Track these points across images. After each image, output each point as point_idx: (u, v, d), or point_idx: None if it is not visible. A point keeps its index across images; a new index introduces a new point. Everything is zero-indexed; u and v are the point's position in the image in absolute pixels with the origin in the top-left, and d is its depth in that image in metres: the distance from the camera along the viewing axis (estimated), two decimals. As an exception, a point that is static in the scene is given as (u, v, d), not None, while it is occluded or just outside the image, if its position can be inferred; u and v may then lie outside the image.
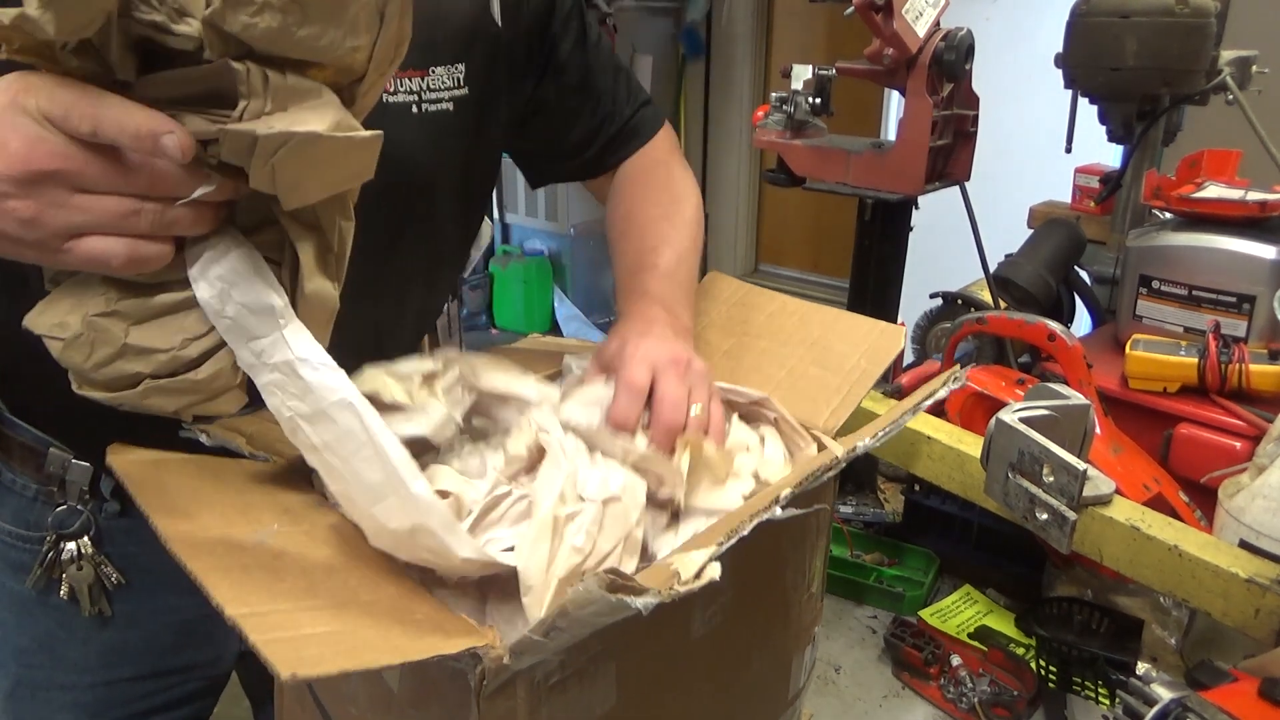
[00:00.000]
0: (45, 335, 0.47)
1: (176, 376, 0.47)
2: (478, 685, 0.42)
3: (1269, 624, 0.63)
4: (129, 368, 0.47)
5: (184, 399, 0.48)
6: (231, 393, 0.50)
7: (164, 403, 0.48)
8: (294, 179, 0.44)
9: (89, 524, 0.77)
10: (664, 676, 0.56)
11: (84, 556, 0.77)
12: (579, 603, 0.38)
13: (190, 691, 0.87)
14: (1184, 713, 0.54)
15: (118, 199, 0.44)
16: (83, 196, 0.43)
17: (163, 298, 0.47)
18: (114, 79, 0.42)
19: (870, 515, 1.20)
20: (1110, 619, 0.93)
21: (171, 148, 0.42)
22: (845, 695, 0.93)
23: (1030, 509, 0.71)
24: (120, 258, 0.44)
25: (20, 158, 0.42)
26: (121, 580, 0.79)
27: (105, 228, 0.44)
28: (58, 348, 0.47)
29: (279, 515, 0.51)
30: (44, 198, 0.43)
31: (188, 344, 0.47)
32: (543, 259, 4.35)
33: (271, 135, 0.41)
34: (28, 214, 0.43)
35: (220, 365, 0.48)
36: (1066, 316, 1.34)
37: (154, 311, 0.47)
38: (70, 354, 0.47)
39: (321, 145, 0.42)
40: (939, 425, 0.87)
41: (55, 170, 0.42)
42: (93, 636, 0.81)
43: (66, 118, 0.42)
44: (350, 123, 0.44)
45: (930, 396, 0.63)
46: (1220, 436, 0.95)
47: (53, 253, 0.44)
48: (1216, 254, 1.04)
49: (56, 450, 0.75)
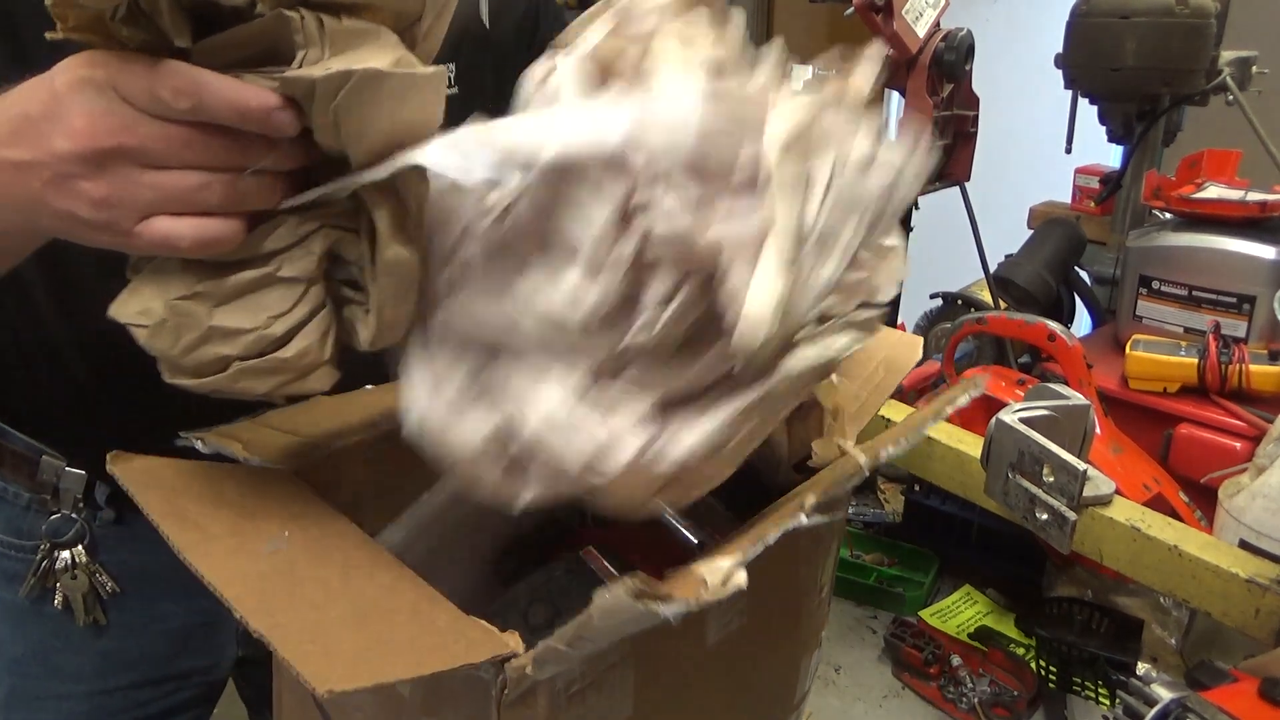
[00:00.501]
0: (130, 323, 0.46)
1: (265, 356, 0.46)
2: (499, 694, 0.42)
3: (1269, 624, 0.63)
4: (216, 351, 0.45)
5: (274, 379, 0.47)
6: (322, 369, 0.48)
7: (254, 384, 0.47)
8: (358, 125, 0.41)
9: (83, 532, 0.77)
10: (679, 684, 0.55)
11: (78, 565, 0.77)
12: (605, 612, 0.37)
13: (187, 698, 0.86)
14: (1184, 713, 0.54)
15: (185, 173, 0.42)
16: (152, 173, 0.41)
17: (243, 276, 0.45)
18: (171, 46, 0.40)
19: (870, 515, 1.20)
20: (1110, 619, 0.93)
21: (282, 121, 0.40)
22: (845, 695, 0.93)
23: (1030, 509, 0.71)
24: (189, 238, 0.42)
25: (86, 134, 0.40)
26: (116, 589, 0.79)
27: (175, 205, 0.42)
28: (144, 335, 0.46)
29: (287, 522, 0.50)
30: (114, 176, 0.41)
31: (273, 321, 0.45)
32: (543, 259, 4.34)
33: (330, 76, 0.39)
34: (99, 194, 0.41)
35: (308, 341, 0.47)
36: (1066, 316, 1.34)
37: (236, 291, 0.45)
38: (157, 341, 0.46)
39: (383, 84, 0.40)
40: (939, 425, 0.87)
41: (123, 146, 0.40)
42: (88, 645, 0.80)
43: (154, 93, 0.40)
44: (411, 59, 0.42)
45: (951, 404, 0.63)
46: (1220, 437, 0.95)
47: (124, 235, 0.42)
48: (1216, 254, 1.04)
49: (50, 458, 0.75)
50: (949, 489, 0.84)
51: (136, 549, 0.79)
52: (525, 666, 0.40)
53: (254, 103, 0.40)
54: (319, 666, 0.35)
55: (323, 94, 0.39)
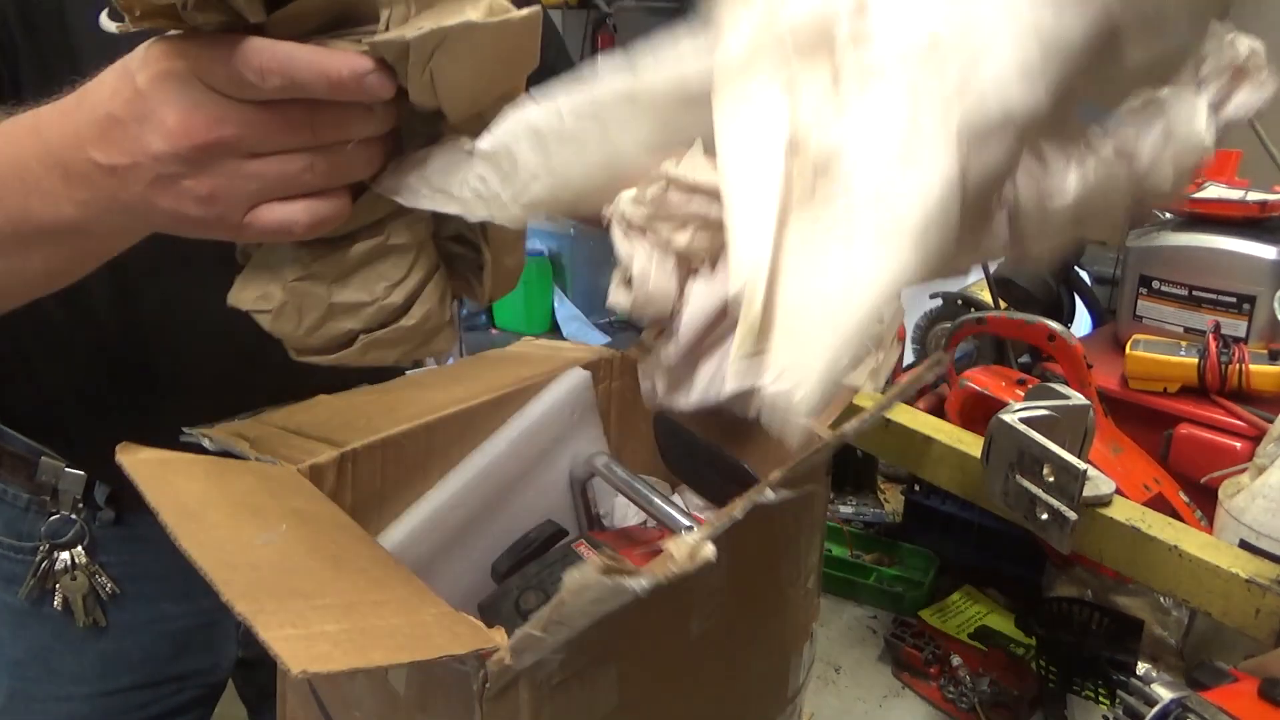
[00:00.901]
0: (251, 310, 0.46)
1: (388, 327, 0.46)
2: (480, 687, 0.42)
3: (1269, 624, 0.63)
4: (341, 326, 0.45)
5: (401, 347, 0.47)
6: (445, 331, 0.48)
7: (383, 354, 0.47)
8: (456, 81, 0.40)
9: (83, 533, 0.77)
10: (665, 677, 0.56)
11: (78, 566, 0.77)
12: (575, 590, 0.38)
13: (187, 700, 0.86)
14: (1184, 713, 0.54)
15: (287, 157, 0.40)
16: (255, 162, 0.40)
17: (356, 249, 0.44)
18: (246, 23, 0.38)
19: (870, 515, 1.20)
20: (1110, 619, 0.92)
21: (377, 86, 0.39)
22: (845, 695, 0.93)
23: (1030, 509, 0.71)
24: (302, 224, 0.41)
25: (182, 132, 0.38)
26: (116, 590, 0.79)
27: (281, 190, 0.41)
28: (266, 320, 0.45)
29: (287, 516, 0.51)
30: (217, 171, 0.39)
31: (391, 291, 0.45)
32: (543, 259, 4.34)
33: (424, 35, 0.37)
34: (204, 191, 0.40)
35: (428, 305, 0.46)
36: (1066, 316, 1.34)
37: (351, 266, 0.45)
38: (281, 324, 0.45)
39: (479, 35, 0.39)
40: (939, 425, 0.87)
41: (221, 139, 0.39)
42: (88, 647, 0.80)
43: (240, 76, 0.38)
44: (503, 4, 0.40)
45: (916, 382, 0.63)
46: (1220, 436, 0.95)
47: (235, 228, 0.41)
48: (1216, 254, 1.04)
49: (49, 459, 0.75)
50: (949, 489, 0.84)
51: (136, 549, 0.79)
52: (504, 657, 0.41)
53: (345, 70, 0.38)
54: (297, 649, 0.35)
55: (417, 54, 0.38)
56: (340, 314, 0.45)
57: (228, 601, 0.38)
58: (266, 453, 0.59)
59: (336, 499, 0.58)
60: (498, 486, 0.70)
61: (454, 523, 0.67)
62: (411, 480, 0.67)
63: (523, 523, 0.70)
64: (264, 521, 0.49)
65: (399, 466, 0.66)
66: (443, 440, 0.68)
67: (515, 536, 0.68)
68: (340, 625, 0.39)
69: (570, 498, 0.77)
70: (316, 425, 0.65)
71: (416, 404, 0.69)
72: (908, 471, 0.89)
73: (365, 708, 0.53)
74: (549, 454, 0.74)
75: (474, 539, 0.69)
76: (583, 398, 0.76)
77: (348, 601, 0.43)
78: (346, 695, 0.54)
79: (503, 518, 0.71)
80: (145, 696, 0.83)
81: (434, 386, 0.73)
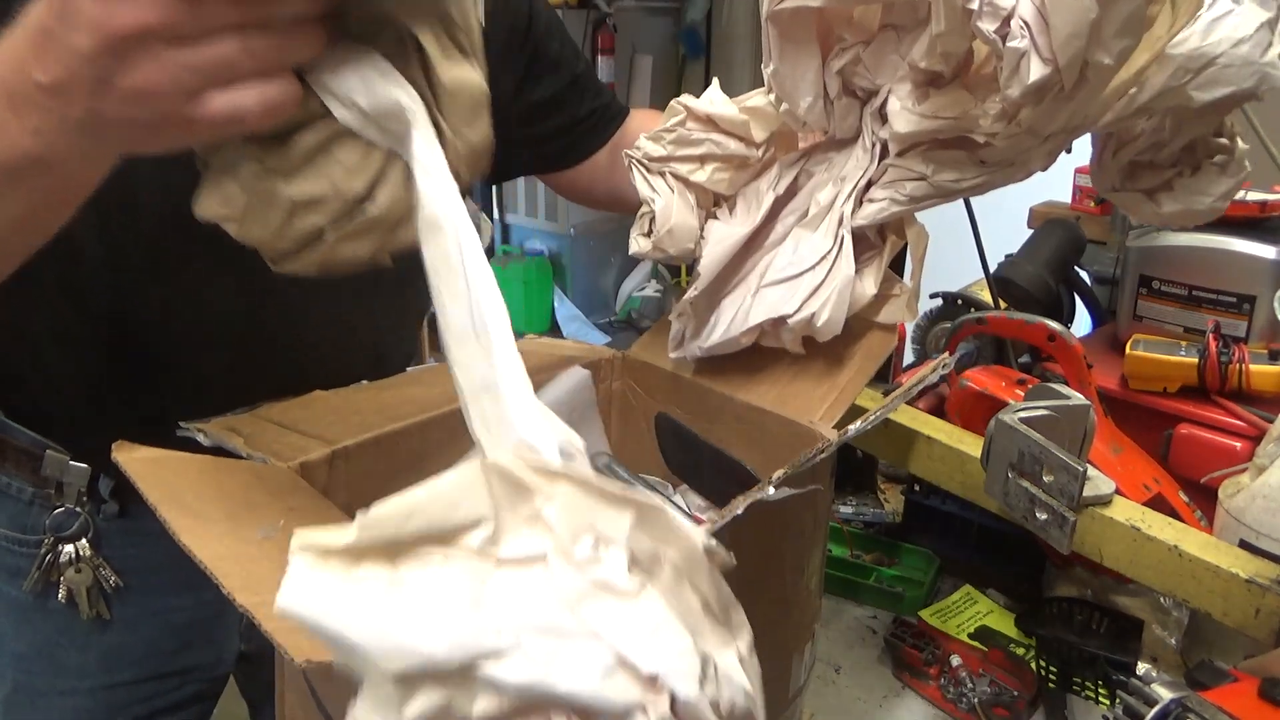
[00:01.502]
0: (217, 218, 0.44)
1: (354, 218, 0.43)
2: None
3: (1269, 624, 0.63)
4: (305, 223, 0.43)
5: (370, 237, 0.44)
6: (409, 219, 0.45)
7: (356, 249, 0.44)
8: None
9: (87, 526, 0.77)
10: (665, 675, 0.55)
11: (82, 559, 0.77)
12: None
13: (190, 694, 0.86)
14: (1184, 713, 0.54)
15: (219, 40, 0.38)
16: (187, 50, 0.38)
17: (304, 139, 0.42)
18: None
19: (870, 515, 1.20)
20: (1110, 619, 0.93)
21: None
22: (845, 695, 0.93)
23: (1030, 509, 0.71)
24: (251, 109, 0.39)
25: (103, 21, 0.37)
26: (120, 583, 0.79)
27: (222, 78, 0.39)
28: (234, 228, 0.43)
29: (284, 513, 0.51)
30: (149, 62, 0.38)
31: (350, 178, 0.43)
32: (543, 259, 4.34)
33: None
34: (140, 84, 0.38)
35: (392, 189, 0.43)
36: (1066, 316, 1.34)
37: (304, 157, 0.42)
38: (248, 230, 0.43)
39: None
40: (939, 425, 0.87)
41: (143, 24, 0.37)
42: (92, 641, 0.80)
43: None
44: None
45: (920, 383, 0.64)
46: (1220, 436, 0.95)
47: (184, 126, 0.39)
48: (1216, 254, 1.04)
49: (54, 453, 0.75)
50: (949, 489, 0.84)
51: (140, 542, 0.79)
52: None
53: None
54: (299, 639, 0.35)
55: None
56: (303, 210, 0.43)
57: (229, 594, 0.38)
58: (259, 448, 0.59)
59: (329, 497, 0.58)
60: (498, 485, 0.70)
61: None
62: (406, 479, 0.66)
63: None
64: (261, 517, 0.50)
65: (392, 465, 0.65)
66: (437, 439, 0.68)
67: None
68: None
69: (570, 498, 0.77)
70: (311, 421, 0.65)
71: (412, 402, 0.69)
72: (908, 471, 0.89)
73: (363, 705, 0.53)
74: (549, 454, 0.74)
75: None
76: (583, 396, 0.76)
77: None
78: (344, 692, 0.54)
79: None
80: (148, 690, 0.84)
81: (433, 384, 0.73)
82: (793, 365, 0.73)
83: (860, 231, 0.68)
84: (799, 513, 0.67)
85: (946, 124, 0.58)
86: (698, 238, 0.70)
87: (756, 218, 0.70)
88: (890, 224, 0.70)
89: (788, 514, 0.66)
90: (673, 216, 0.68)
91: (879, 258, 0.70)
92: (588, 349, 0.81)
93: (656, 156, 0.70)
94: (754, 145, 0.70)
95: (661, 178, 0.69)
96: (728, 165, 0.70)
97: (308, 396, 0.69)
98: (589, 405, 0.77)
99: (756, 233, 0.70)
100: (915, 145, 0.63)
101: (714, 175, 0.70)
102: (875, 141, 0.65)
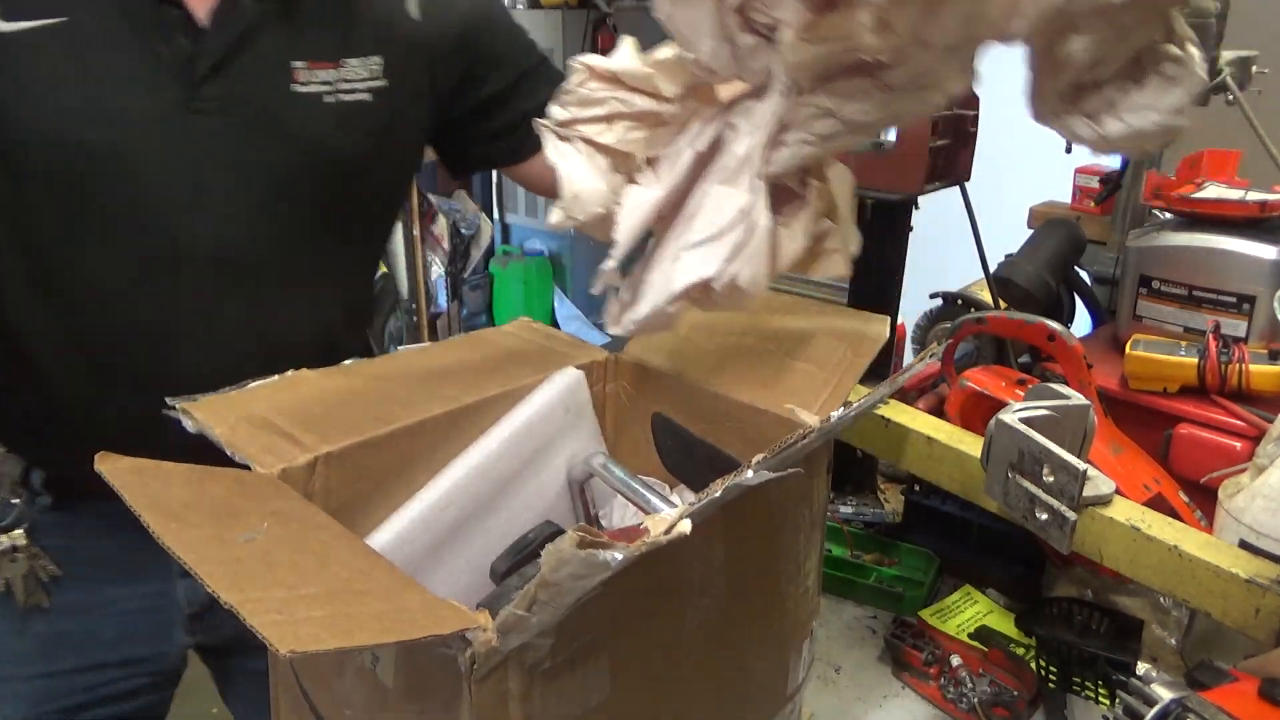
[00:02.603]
0: None
1: None
2: (468, 669, 0.42)
3: (1269, 624, 0.63)
4: None
5: None
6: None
7: None
8: None
9: (23, 517, 0.78)
10: (660, 669, 0.55)
11: (19, 550, 0.78)
12: (553, 565, 0.38)
13: (135, 687, 0.87)
14: (1184, 713, 0.54)
15: None
16: None
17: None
18: None
19: (870, 515, 1.20)
20: (1110, 619, 0.92)
21: None
22: (845, 695, 0.93)
23: (1030, 509, 0.71)
24: None
25: None
26: (57, 572, 0.80)
27: None
28: None
29: (267, 517, 0.51)
30: None
31: None
32: (543, 259, 4.34)
33: None
34: None
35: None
36: (1066, 316, 1.34)
37: None
38: None
39: None
40: (939, 425, 0.86)
41: None
42: (29, 628, 0.82)
43: None
44: None
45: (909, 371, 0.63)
46: (1220, 436, 0.95)
47: None
48: (1216, 254, 1.04)
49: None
50: (949, 489, 0.84)
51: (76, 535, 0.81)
52: (491, 638, 0.41)
53: None
54: (284, 632, 0.36)
55: None
56: None
57: (214, 592, 0.38)
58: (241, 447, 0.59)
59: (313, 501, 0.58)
60: (491, 486, 0.69)
61: (446, 523, 0.67)
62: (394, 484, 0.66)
63: (521, 523, 0.70)
64: (244, 522, 0.49)
65: (379, 470, 0.64)
66: (426, 444, 0.67)
67: (514, 537, 0.68)
68: (325, 611, 0.40)
69: (569, 498, 0.76)
70: (298, 410, 0.63)
71: (401, 401, 0.68)
72: (908, 471, 0.89)
73: (355, 705, 0.53)
74: (544, 454, 0.74)
75: (470, 540, 0.69)
76: (577, 397, 0.76)
77: (332, 591, 0.43)
78: (336, 693, 0.54)
79: (500, 518, 0.71)
80: (89, 680, 0.84)
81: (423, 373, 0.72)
82: (786, 363, 0.73)
83: (780, 181, 0.62)
84: (795, 510, 0.67)
85: (835, 47, 0.53)
86: (610, 203, 0.64)
87: (675, 178, 0.63)
88: (811, 169, 0.64)
89: (784, 511, 0.66)
90: (576, 181, 0.63)
91: (805, 208, 0.64)
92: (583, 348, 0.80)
93: (562, 120, 0.64)
94: (665, 100, 0.64)
95: (570, 144, 0.64)
96: (641, 124, 0.64)
97: (296, 376, 0.68)
98: (584, 404, 0.77)
99: (681, 195, 0.64)
100: (819, 79, 0.57)
101: (626, 135, 0.64)
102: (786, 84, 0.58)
